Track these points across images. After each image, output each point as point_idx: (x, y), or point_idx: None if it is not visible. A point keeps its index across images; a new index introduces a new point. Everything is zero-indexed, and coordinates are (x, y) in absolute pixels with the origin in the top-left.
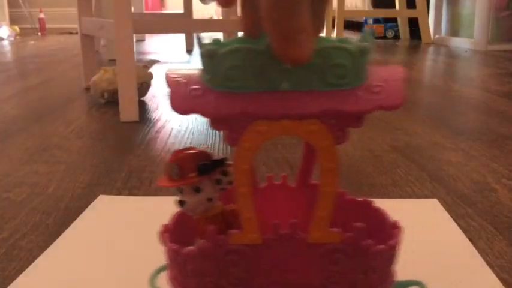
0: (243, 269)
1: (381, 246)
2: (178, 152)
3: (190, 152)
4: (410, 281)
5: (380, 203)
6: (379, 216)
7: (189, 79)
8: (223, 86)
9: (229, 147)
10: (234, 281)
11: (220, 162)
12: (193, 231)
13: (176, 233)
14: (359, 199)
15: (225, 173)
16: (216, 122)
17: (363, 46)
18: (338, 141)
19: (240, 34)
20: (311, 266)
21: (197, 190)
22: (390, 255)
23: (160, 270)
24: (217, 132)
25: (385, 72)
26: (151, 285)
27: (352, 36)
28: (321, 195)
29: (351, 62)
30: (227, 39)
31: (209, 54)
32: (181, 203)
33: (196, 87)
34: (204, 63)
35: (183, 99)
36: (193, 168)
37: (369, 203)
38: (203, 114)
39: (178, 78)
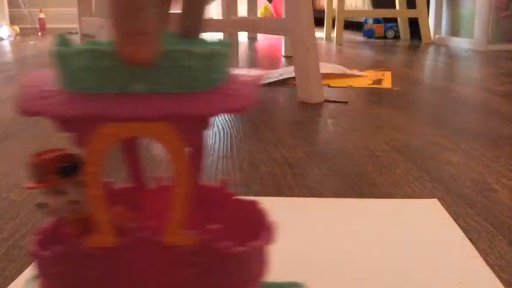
0: (101, 273)
1: (239, 248)
2: (40, 154)
3: (53, 153)
4: (287, 282)
5: (380, 203)
6: (260, 218)
7: (43, 81)
8: (75, 88)
9: (229, 147)
10: (93, 284)
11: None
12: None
13: (56, 235)
14: (245, 200)
15: None
16: (63, 124)
17: (214, 50)
18: (190, 142)
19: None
20: (170, 269)
21: (59, 192)
22: (253, 257)
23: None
24: (216, 132)
25: (244, 77)
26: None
27: (215, 38)
28: (174, 197)
29: (201, 64)
30: (106, 41)
31: (56, 55)
32: (41, 205)
33: (49, 88)
34: (55, 64)
35: (32, 100)
36: (55, 170)
37: (253, 204)
38: (51, 115)
39: (32, 81)
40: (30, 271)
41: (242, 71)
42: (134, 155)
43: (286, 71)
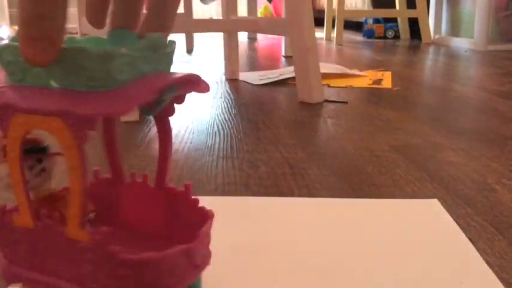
0: (25, 248)
1: (128, 256)
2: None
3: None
4: None
5: (380, 203)
6: (204, 219)
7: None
8: (10, 80)
9: (229, 147)
10: (22, 257)
11: (37, 150)
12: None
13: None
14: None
15: (39, 160)
16: None
17: (111, 51)
18: (81, 141)
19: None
20: (71, 259)
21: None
22: (151, 268)
23: None
24: (216, 132)
25: (148, 80)
26: None
27: (127, 36)
28: (70, 193)
29: (97, 65)
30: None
31: None
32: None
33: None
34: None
35: None
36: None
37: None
38: None
39: None
40: None
41: (152, 76)
42: (114, 150)
43: (286, 71)
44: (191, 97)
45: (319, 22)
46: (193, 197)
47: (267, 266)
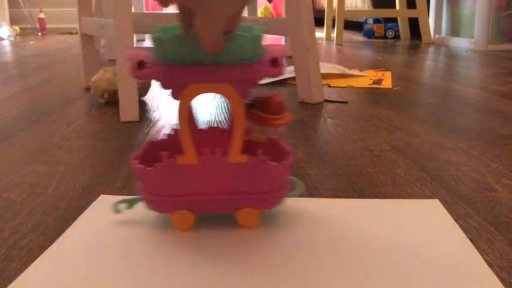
0: (185, 181)
1: (274, 164)
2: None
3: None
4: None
5: (380, 203)
6: (286, 151)
7: (143, 55)
8: (168, 60)
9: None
10: (181, 188)
11: (262, 98)
12: (157, 158)
13: (145, 158)
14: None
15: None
16: (165, 85)
17: (257, 34)
18: (243, 96)
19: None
20: (229, 177)
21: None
22: (281, 171)
23: (122, 201)
24: None
25: (275, 52)
26: (115, 207)
27: (255, 26)
28: (234, 130)
29: (249, 45)
30: (169, 26)
31: (157, 39)
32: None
33: (149, 61)
34: (154, 45)
35: (141, 69)
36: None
37: (277, 141)
38: (156, 79)
39: (136, 55)
40: (33, 270)
41: (270, 47)
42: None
43: (286, 71)
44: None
45: (319, 22)
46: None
47: (267, 266)
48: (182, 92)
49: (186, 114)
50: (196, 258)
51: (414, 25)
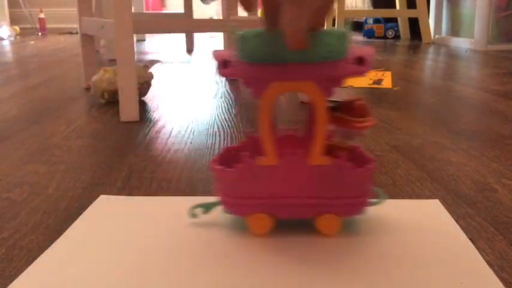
0: (264, 183)
1: (359, 169)
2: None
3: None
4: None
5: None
6: (366, 157)
7: (228, 55)
8: (251, 59)
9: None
10: (261, 190)
11: (345, 101)
12: (236, 160)
13: (223, 160)
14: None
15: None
16: (247, 83)
17: (343, 32)
18: (328, 95)
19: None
20: (311, 180)
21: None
22: (365, 176)
23: (198, 206)
24: (216, 132)
25: (360, 51)
26: (191, 212)
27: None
28: (316, 132)
29: (335, 42)
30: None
31: (241, 37)
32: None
33: (233, 60)
34: (238, 44)
35: (225, 67)
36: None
37: (358, 148)
38: (239, 77)
39: (221, 54)
40: (33, 270)
41: (357, 47)
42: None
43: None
44: (191, 97)
45: None
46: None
47: (267, 265)
48: (264, 90)
49: (268, 113)
50: (226, 262)
51: (414, 25)
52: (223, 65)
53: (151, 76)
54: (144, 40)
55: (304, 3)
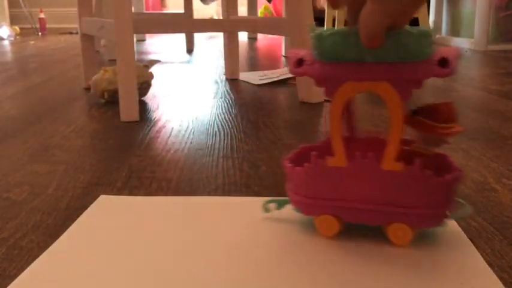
0: (335, 182)
1: (435, 178)
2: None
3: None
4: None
5: None
6: (452, 166)
7: (304, 54)
8: (326, 58)
9: (229, 147)
10: (328, 192)
11: (430, 105)
12: (307, 159)
13: (296, 160)
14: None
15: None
16: (319, 82)
17: (423, 30)
18: (404, 97)
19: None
20: (381, 185)
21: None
22: (443, 186)
23: (271, 201)
24: (216, 132)
25: (445, 51)
26: (264, 206)
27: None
28: (390, 135)
29: (415, 42)
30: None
31: (318, 36)
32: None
33: (308, 58)
34: (314, 42)
35: (299, 66)
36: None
37: (445, 156)
38: (311, 76)
39: (297, 53)
40: (33, 270)
41: (443, 48)
42: (350, 113)
43: (286, 71)
44: (191, 97)
45: (319, 22)
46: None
47: (267, 265)
48: (336, 90)
49: (339, 114)
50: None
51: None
52: (297, 64)
53: (151, 76)
54: (144, 40)
55: (388, 1)
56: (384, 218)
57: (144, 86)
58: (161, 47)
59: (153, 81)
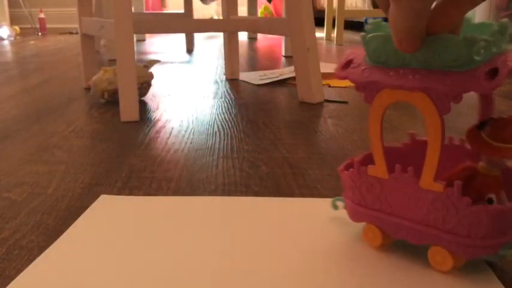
0: (376, 193)
1: (476, 206)
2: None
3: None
4: None
5: None
6: None
7: (355, 55)
8: (372, 62)
9: (229, 147)
10: (372, 199)
11: (497, 119)
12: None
13: (366, 161)
14: None
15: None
16: (357, 87)
17: (471, 37)
18: (443, 112)
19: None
20: (418, 204)
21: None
22: (492, 216)
23: (338, 199)
24: (216, 132)
25: (499, 60)
26: (333, 203)
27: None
28: (428, 151)
29: (457, 49)
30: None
31: (363, 37)
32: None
33: (356, 61)
34: (363, 45)
35: (343, 70)
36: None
37: None
38: (351, 80)
39: (350, 54)
40: (33, 270)
41: (505, 56)
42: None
43: (286, 71)
44: (191, 97)
45: (319, 22)
46: None
47: (267, 265)
48: (373, 97)
49: (377, 122)
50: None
51: None
52: (344, 66)
53: (151, 76)
54: (144, 40)
55: (404, 3)
56: (423, 238)
57: (144, 86)
58: (161, 47)
59: (153, 81)
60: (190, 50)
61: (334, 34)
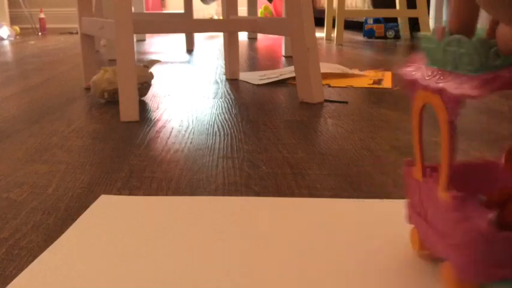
0: (417, 195)
1: (469, 220)
2: None
3: None
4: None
5: (380, 203)
6: None
7: (415, 60)
8: (428, 63)
9: (229, 147)
10: (415, 201)
11: None
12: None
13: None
14: None
15: None
16: (404, 86)
17: (482, 40)
18: (451, 116)
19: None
20: (435, 211)
21: None
22: (473, 236)
23: None
24: (216, 132)
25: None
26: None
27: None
28: (441, 158)
29: (469, 51)
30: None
31: (420, 38)
32: None
33: (417, 65)
34: (423, 49)
35: (406, 71)
36: None
37: None
38: (403, 79)
39: (414, 60)
40: (32, 270)
41: None
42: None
43: (286, 71)
44: (191, 97)
45: (319, 22)
46: None
47: (267, 265)
48: (413, 97)
49: (416, 122)
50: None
51: (414, 25)
52: (407, 70)
53: (151, 76)
54: (144, 40)
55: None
56: (439, 249)
57: (144, 86)
58: (161, 47)
59: (153, 81)
60: (190, 50)
61: (334, 34)
